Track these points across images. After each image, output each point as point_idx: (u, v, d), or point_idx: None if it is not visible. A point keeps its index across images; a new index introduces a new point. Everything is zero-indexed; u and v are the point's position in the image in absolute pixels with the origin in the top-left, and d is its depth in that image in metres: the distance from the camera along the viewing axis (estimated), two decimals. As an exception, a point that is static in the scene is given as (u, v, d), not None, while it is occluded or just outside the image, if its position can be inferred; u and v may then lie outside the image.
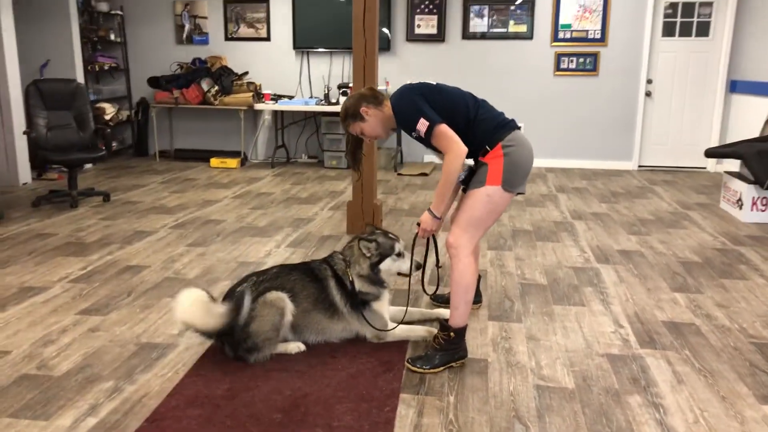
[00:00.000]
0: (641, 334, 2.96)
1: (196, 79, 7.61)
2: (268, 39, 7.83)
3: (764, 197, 4.90)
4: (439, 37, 7.47)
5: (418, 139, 2.64)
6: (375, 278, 2.83)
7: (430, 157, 7.80)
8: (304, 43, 7.64)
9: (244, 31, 7.85)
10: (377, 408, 2.34)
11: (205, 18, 7.90)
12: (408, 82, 2.77)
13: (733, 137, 6.84)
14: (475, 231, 2.63)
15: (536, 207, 5.53)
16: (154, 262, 3.96)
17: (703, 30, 7.06)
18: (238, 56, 7.92)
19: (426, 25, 7.46)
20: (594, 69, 7.29)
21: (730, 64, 7.01)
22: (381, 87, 7.18)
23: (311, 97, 7.76)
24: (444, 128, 2.55)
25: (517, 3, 7.23)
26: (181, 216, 5.11)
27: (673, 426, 2.23)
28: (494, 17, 7.31)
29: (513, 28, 7.30)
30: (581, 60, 7.30)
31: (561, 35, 7.25)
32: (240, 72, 7.84)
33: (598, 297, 3.42)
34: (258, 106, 7.45)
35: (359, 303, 2.81)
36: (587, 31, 7.20)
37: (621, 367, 2.64)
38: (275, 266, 2.89)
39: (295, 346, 2.77)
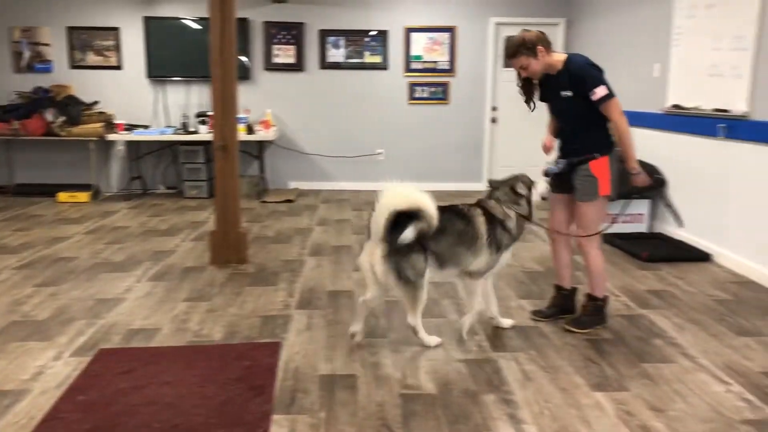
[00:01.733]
0: (493, 339, 3.23)
1: (39, 109, 7.14)
2: (119, 67, 7.55)
3: (594, 210, 5.51)
4: (297, 66, 7.62)
5: (570, 101, 3.12)
6: (529, 212, 3.21)
7: (295, 183, 7.88)
8: (159, 72, 7.46)
9: (92, 59, 7.51)
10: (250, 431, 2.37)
11: (48, 45, 7.46)
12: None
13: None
14: (594, 230, 3.23)
15: (397, 228, 5.78)
16: (-3, 306, 3.68)
17: (537, 62, 7.80)
18: (87, 85, 7.54)
19: (284, 54, 7.59)
20: (445, 98, 7.79)
21: (561, 93, 7.79)
22: (242, 115, 7.18)
23: (168, 126, 7.56)
24: (617, 101, 3.06)
25: (371, 34, 7.58)
26: (26, 255, 4.77)
27: (522, 418, 2.47)
28: (350, 48, 7.61)
29: (368, 58, 7.63)
30: (433, 89, 7.77)
31: (413, 66, 7.69)
32: (89, 101, 7.46)
33: (454, 308, 3.67)
34: (110, 137, 7.13)
35: (498, 246, 3.12)
36: (437, 62, 7.70)
37: (477, 371, 2.87)
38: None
39: (435, 340, 3.10)
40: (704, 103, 4.74)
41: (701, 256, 4.68)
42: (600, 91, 3.03)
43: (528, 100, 3.36)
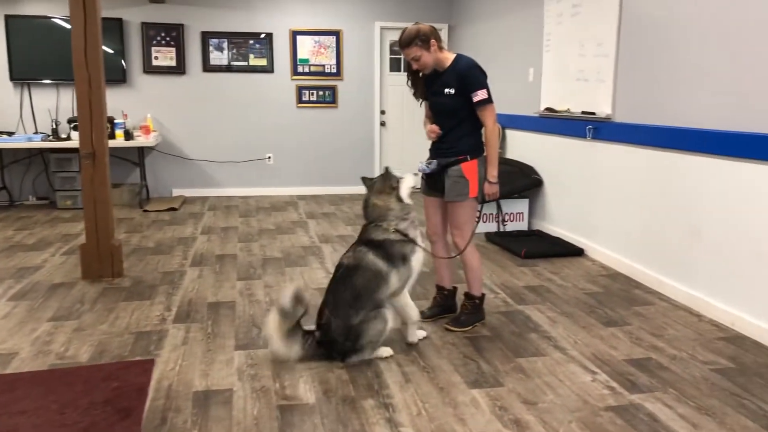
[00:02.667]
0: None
1: None
2: (-23, 69, 6.94)
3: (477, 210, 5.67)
4: (179, 69, 7.34)
5: (451, 99, 3.19)
6: (407, 208, 3.09)
7: (180, 191, 7.58)
8: (24, 74, 6.93)
9: (-55, 59, 6.86)
10: (112, 459, 2.21)
11: None
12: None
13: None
14: (468, 229, 3.33)
15: (286, 234, 5.70)
16: None
17: (423, 66, 7.96)
18: (-60, 88, 6.88)
19: (164, 57, 7.28)
20: (333, 101, 7.78)
21: (447, 96, 8.00)
22: (118, 120, 6.82)
23: (36, 132, 7.04)
24: (494, 107, 3.22)
25: (256, 37, 7.43)
26: None
27: (400, 421, 2.47)
28: (234, 51, 7.42)
29: (253, 61, 7.48)
30: (321, 93, 7.74)
31: (300, 69, 7.61)
32: (-57, 106, 6.81)
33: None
34: (-31, 145, 6.54)
35: (404, 258, 3.03)
36: (324, 65, 7.67)
37: (358, 376, 2.85)
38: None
39: (386, 351, 3.04)
40: (573, 106, 5.01)
41: (576, 252, 4.94)
42: (481, 94, 3.16)
43: (416, 93, 3.41)
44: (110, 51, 7.06)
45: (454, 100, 3.22)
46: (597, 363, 3.00)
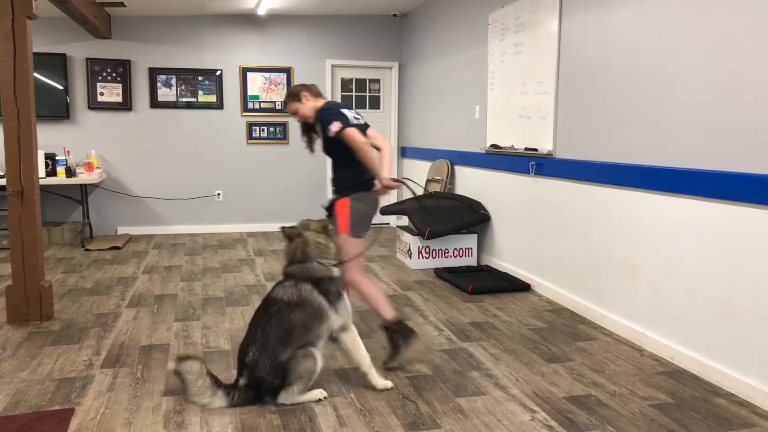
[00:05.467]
0: (314, 385, 3.11)
1: None
2: None
3: (426, 246, 5.65)
4: (125, 105, 7.21)
5: (324, 143, 3.39)
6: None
7: (126, 228, 7.37)
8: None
9: None
10: None
11: None
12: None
13: (406, 195, 7.80)
14: (354, 264, 3.36)
15: (232, 272, 5.56)
16: None
17: (375, 103, 8.02)
18: None
19: (110, 93, 7.15)
20: (284, 137, 7.74)
21: (399, 133, 8.06)
22: (60, 157, 6.63)
23: (-27, 169, 6.78)
24: (351, 129, 3.23)
25: (205, 74, 7.38)
26: None
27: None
28: (183, 87, 7.34)
29: (202, 98, 7.41)
30: (272, 129, 7.69)
31: (250, 106, 7.57)
32: None
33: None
34: None
35: (337, 295, 3.03)
36: (275, 102, 7.64)
37: (290, 421, 2.74)
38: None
39: (319, 393, 2.96)
40: (517, 142, 5.07)
41: (522, 287, 4.93)
42: (334, 127, 3.26)
43: (308, 144, 3.63)
44: (59, 87, 6.91)
45: (325, 143, 3.41)
46: (537, 401, 2.95)
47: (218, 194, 7.61)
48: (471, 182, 6.00)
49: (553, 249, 4.65)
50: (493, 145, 5.43)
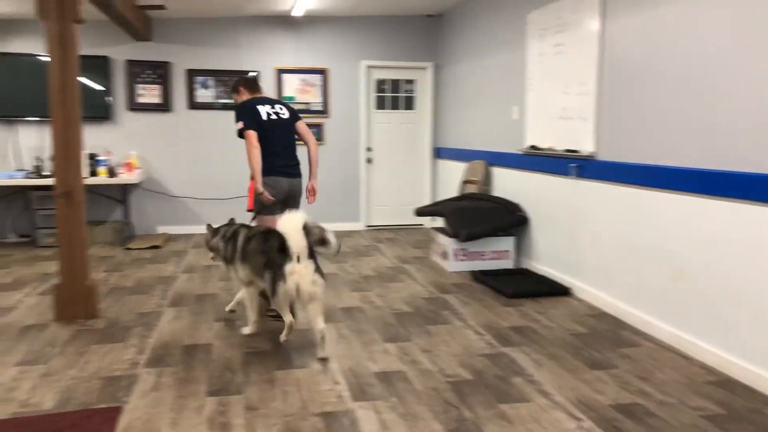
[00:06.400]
0: (355, 388, 3.11)
1: None
2: (-39, 106, 6.90)
3: (463, 248, 5.61)
4: (164, 106, 7.32)
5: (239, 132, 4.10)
6: None
7: (164, 228, 7.49)
8: (7, 111, 6.89)
9: (-72, 96, 6.82)
10: None
11: None
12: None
13: (441, 196, 7.77)
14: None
15: (269, 273, 5.59)
16: None
17: (410, 104, 8.00)
18: None
19: (149, 94, 7.27)
20: (320, 138, 7.76)
21: (434, 134, 8.03)
22: (103, 158, 6.77)
23: (19, 169, 6.97)
24: (250, 133, 4.05)
25: (251, 75, 7.45)
26: None
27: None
28: (220, 88, 7.42)
29: (239, 99, 7.47)
30: (307, 130, 7.70)
31: (286, 107, 7.61)
32: (-76, 143, 6.75)
33: (318, 357, 3.53)
34: (-51, 182, 6.45)
35: None
36: (310, 103, 7.68)
37: (333, 423, 2.74)
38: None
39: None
40: (557, 144, 5.00)
41: (562, 291, 4.86)
42: (237, 126, 4.08)
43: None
44: (100, 88, 7.05)
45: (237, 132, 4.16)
46: (582, 409, 2.90)
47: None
48: (508, 183, 5.94)
49: (594, 252, 4.58)
50: (532, 146, 5.37)
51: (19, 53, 6.88)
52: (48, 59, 3.93)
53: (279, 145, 4.18)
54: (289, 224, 3.36)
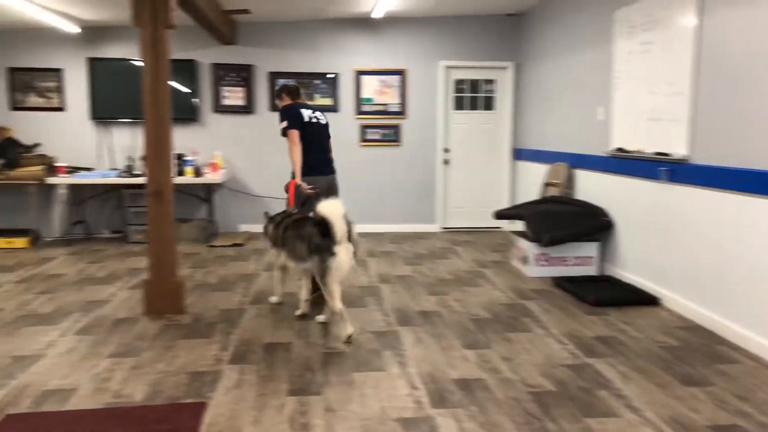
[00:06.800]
0: (434, 394, 3.07)
1: (-25, 152, 6.86)
2: (62, 109, 7.34)
3: (544, 253, 5.46)
4: (247, 108, 7.52)
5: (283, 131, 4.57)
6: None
7: (246, 226, 7.70)
8: (103, 113, 7.28)
9: (33, 100, 7.29)
10: None
11: (-13, 86, 7.22)
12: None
13: (520, 199, 7.61)
14: None
15: (346, 273, 5.63)
16: None
17: (489, 104, 7.87)
18: (28, 127, 7.31)
19: (233, 96, 7.49)
20: (397, 140, 7.77)
21: (514, 135, 7.86)
22: (190, 158, 7.02)
23: (113, 168, 7.34)
24: (293, 132, 4.50)
25: (321, 77, 7.55)
26: (-54, 308, 4.46)
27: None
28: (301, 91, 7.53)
29: (319, 101, 7.58)
30: (385, 131, 7.74)
31: (364, 108, 7.66)
32: (30, 144, 7.21)
33: (396, 360, 3.52)
34: (51, 180, 6.87)
35: None
36: (387, 104, 7.69)
37: (412, 430, 2.71)
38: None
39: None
40: (646, 146, 4.77)
41: (650, 300, 4.64)
42: (282, 125, 4.54)
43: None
44: (187, 90, 7.33)
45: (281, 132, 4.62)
46: (676, 427, 2.74)
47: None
48: (592, 187, 5.73)
49: (686, 261, 4.33)
50: (618, 149, 5.15)
51: (115, 58, 7.24)
52: (141, 64, 4.11)
53: (316, 145, 4.67)
54: (334, 210, 3.71)
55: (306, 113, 4.61)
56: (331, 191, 4.69)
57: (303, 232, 3.97)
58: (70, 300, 4.70)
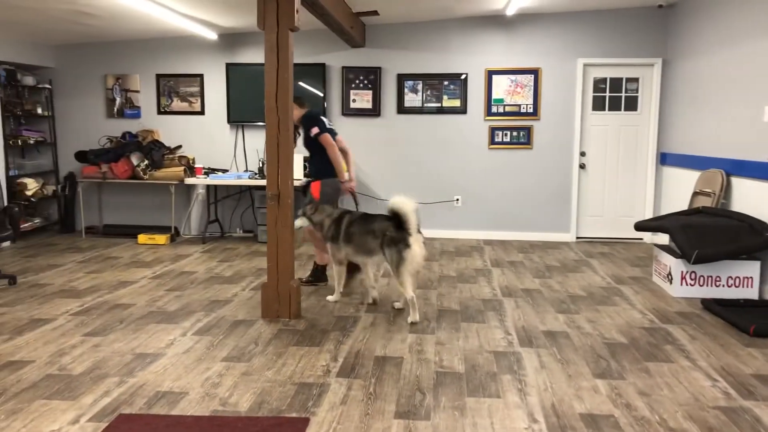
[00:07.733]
0: (555, 430, 2.73)
1: (126, 153, 7.37)
2: (202, 113, 7.71)
3: (692, 271, 4.84)
4: (374, 111, 7.46)
5: (306, 139, 4.94)
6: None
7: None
8: (238, 116, 7.54)
9: (177, 104, 7.72)
10: None
11: (137, 92, 7.75)
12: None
13: (665, 209, 6.89)
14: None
15: (467, 283, 5.36)
16: (40, 356, 3.60)
17: (632, 104, 7.22)
18: (172, 130, 7.76)
19: (361, 99, 7.46)
20: (528, 142, 7.34)
21: (659, 138, 7.15)
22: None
23: (246, 170, 7.59)
24: (327, 135, 4.89)
25: (450, 78, 7.31)
26: (88, 300, 4.76)
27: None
28: (428, 92, 7.36)
29: (447, 102, 7.35)
30: (515, 133, 7.35)
31: (494, 109, 7.32)
32: (173, 146, 7.65)
33: (515, 386, 3.20)
34: (189, 180, 7.23)
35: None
36: (520, 105, 7.29)
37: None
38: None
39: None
40: (826, 151, 4.05)
41: (825, 333, 3.92)
42: (314, 130, 4.86)
43: (294, 138, 4.60)
44: (319, 94, 7.41)
45: (304, 140, 5.00)
46: None
47: (457, 200, 7.50)
48: (754, 198, 5.00)
49: None
50: (789, 155, 4.43)
51: (248, 63, 7.48)
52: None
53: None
54: (407, 204, 4.13)
55: (325, 120, 5.04)
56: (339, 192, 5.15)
57: (374, 227, 4.34)
58: (195, 298, 4.85)
